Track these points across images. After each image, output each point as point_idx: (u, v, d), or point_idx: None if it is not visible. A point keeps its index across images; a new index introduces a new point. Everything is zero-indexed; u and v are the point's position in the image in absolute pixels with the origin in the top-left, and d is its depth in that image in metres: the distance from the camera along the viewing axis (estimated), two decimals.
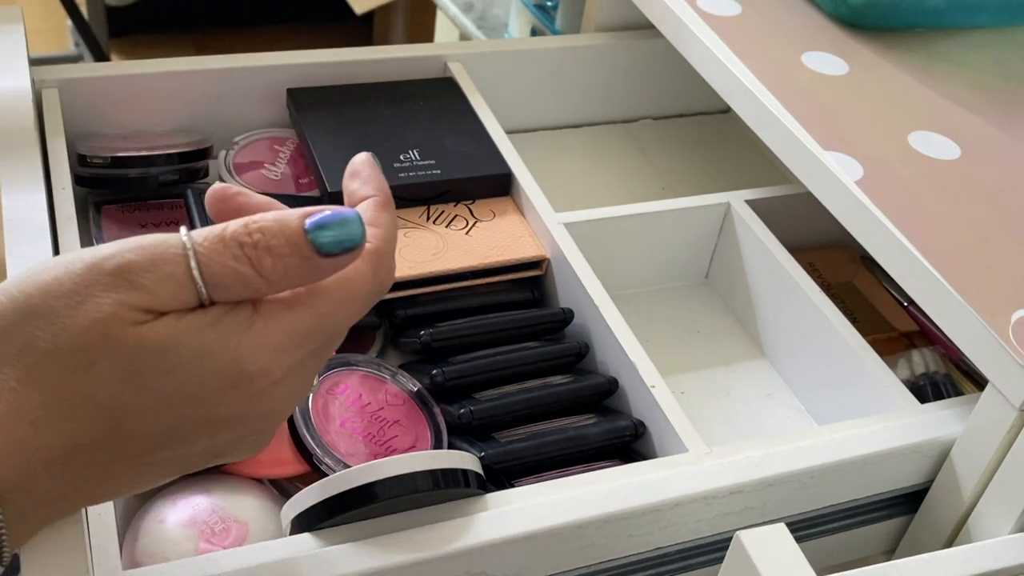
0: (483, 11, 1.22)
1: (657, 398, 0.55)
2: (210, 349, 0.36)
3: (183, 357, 0.36)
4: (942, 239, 0.55)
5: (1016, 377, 0.49)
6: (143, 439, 0.36)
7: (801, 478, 0.52)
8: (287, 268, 0.37)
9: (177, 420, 0.36)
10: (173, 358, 0.35)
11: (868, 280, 0.71)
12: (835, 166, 0.58)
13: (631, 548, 0.50)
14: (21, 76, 0.64)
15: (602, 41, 0.82)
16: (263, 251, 0.37)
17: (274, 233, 0.37)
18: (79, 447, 0.36)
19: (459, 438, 0.55)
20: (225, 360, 0.36)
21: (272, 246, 0.37)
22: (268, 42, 2.20)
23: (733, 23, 0.69)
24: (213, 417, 0.37)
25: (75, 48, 2.01)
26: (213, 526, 0.49)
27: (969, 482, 0.53)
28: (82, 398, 0.35)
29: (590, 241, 0.65)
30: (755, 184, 0.74)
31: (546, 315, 0.61)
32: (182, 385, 0.36)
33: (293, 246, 0.37)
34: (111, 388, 0.35)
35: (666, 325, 0.69)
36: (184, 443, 0.37)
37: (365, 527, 0.45)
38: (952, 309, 0.52)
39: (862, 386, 0.60)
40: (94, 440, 0.36)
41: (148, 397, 0.36)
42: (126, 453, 0.37)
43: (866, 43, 0.69)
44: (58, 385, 0.35)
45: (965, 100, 0.65)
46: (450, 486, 0.46)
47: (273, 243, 0.37)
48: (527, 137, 0.83)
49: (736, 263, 0.70)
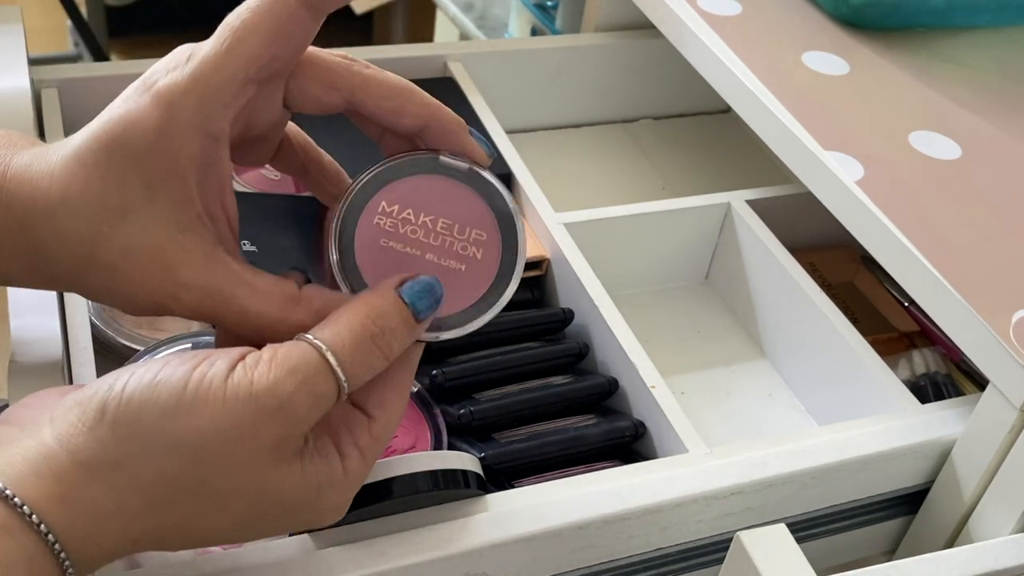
0: (483, 11, 1.22)
1: (657, 398, 0.55)
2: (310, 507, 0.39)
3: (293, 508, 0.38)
4: (942, 239, 0.55)
5: (1017, 377, 0.49)
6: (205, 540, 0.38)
7: (801, 478, 0.52)
8: (403, 344, 0.39)
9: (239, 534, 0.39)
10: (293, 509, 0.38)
11: (868, 280, 0.71)
12: (835, 166, 0.58)
13: (631, 549, 0.50)
14: (20, 76, 0.64)
15: (602, 41, 0.82)
16: (390, 336, 0.38)
17: (391, 316, 0.39)
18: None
19: (459, 438, 0.55)
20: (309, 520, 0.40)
21: (391, 328, 0.39)
22: None
23: (733, 23, 0.69)
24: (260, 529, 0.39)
25: (75, 48, 2.01)
26: None
27: (970, 482, 0.53)
28: (195, 532, 0.37)
29: (590, 241, 0.65)
30: (755, 184, 0.74)
31: (546, 315, 0.61)
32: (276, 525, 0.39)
33: (405, 322, 0.39)
34: (227, 524, 0.37)
35: (666, 325, 0.69)
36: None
37: (365, 527, 0.45)
38: (952, 309, 0.52)
39: (862, 386, 0.60)
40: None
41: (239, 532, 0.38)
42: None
43: (866, 43, 0.69)
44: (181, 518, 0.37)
45: (966, 100, 0.65)
46: (450, 487, 0.46)
47: (391, 325, 0.39)
48: (527, 137, 0.83)
49: (736, 263, 0.70)
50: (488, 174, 0.43)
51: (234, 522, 0.37)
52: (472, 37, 1.19)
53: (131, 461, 0.35)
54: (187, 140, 0.38)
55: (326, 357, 0.37)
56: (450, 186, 0.43)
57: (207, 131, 0.39)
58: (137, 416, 0.35)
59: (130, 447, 0.35)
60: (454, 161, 0.43)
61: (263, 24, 0.38)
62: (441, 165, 0.42)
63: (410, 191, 0.42)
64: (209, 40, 0.39)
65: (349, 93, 0.41)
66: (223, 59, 0.38)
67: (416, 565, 0.44)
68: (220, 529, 0.37)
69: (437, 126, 0.42)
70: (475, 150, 0.43)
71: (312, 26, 0.39)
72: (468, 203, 0.43)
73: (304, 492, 0.37)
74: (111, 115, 0.39)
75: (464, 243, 0.42)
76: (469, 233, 0.42)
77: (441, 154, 0.43)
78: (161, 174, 0.38)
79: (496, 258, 0.42)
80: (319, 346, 0.37)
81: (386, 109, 0.41)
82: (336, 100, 0.41)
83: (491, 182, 0.43)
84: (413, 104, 0.42)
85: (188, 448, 0.35)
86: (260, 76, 0.39)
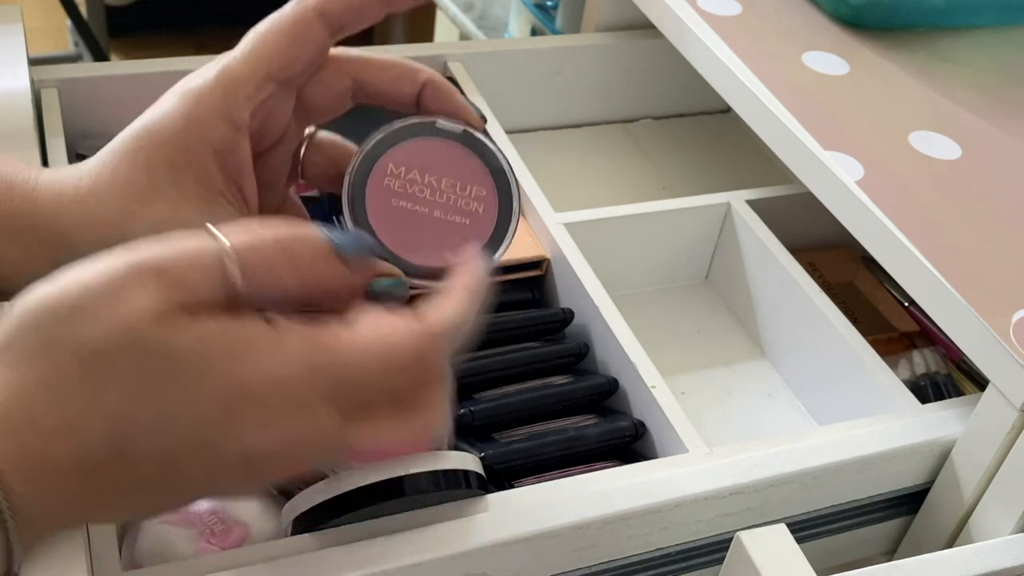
0: (483, 11, 1.22)
1: (657, 398, 0.55)
2: (220, 368, 0.35)
3: (195, 368, 0.35)
4: (942, 239, 0.55)
5: (1017, 377, 0.49)
6: (142, 463, 0.36)
7: (801, 478, 0.52)
8: (316, 266, 0.38)
9: (178, 444, 0.36)
10: (185, 368, 0.35)
11: (868, 280, 0.71)
12: (835, 166, 0.58)
13: (631, 549, 0.50)
14: (20, 76, 0.64)
15: (602, 41, 0.82)
16: (300, 246, 0.38)
17: (304, 236, 0.38)
18: (82, 468, 0.35)
19: (459, 438, 0.55)
20: (234, 379, 0.35)
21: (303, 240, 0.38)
22: None
23: (733, 23, 0.69)
24: (214, 448, 0.36)
25: (75, 48, 2.01)
26: (213, 526, 0.49)
27: (970, 482, 0.53)
28: (94, 406, 0.35)
29: (590, 241, 0.65)
30: (755, 184, 0.74)
31: (546, 315, 0.61)
32: (189, 402, 0.35)
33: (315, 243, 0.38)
34: (125, 393, 0.35)
35: (666, 325, 0.69)
36: (183, 471, 0.36)
37: (365, 527, 0.45)
38: (952, 309, 0.52)
39: (862, 386, 0.60)
40: (95, 465, 0.35)
41: (156, 411, 0.35)
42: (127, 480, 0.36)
43: (866, 43, 0.69)
44: (73, 390, 0.35)
45: (965, 100, 0.65)
46: (451, 487, 0.46)
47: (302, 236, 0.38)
48: (527, 137, 0.83)
49: (736, 263, 0.70)
50: (481, 135, 0.47)
51: (129, 391, 0.35)
52: (472, 37, 1.19)
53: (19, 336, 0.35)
54: (211, 126, 0.42)
55: (212, 231, 0.37)
56: (448, 147, 0.46)
57: (230, 119, 0.43)
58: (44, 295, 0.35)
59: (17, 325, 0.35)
60: (450, 124, 0.46)
61: (284, 28, 0.43)
62: (438, 129, 0.46)
63: (413, 153, 0.46)
64: (237, 46, 0.44)
65: (353, 73, 0.45)
66: (247, 56, 0.43)
67: (416, 565, 0.44)
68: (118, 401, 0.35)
69: (431, 90, 0.46)
70: (467, 110, 0.47)
71: (327, 39, 0.44)
72: (466, 162, 0.46)
73: (201, 347, 0.35)
74: (142, 116, 0.44)
75: (467, 199, 0.46)
76: (470, 190, 0.46)
77: (438, 119, 0.46)
78: (185, 155, 0.42)
79: (495, 211, 0.46)
80: (208, 227, 0.37)
81: (387, 80, 0.46)
82: (346, 83, 0.46)
83: (484, 142, 0.46)
84: (409, 70, 0.46)
85: (67, 305, 0.35)
86: (280, 75, 0.44)
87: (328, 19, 0.44)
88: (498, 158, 0.46)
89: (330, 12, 0.44)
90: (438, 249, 0.45)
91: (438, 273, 0.43)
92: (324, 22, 0.44)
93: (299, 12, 0.43)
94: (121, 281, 0.35)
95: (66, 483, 0.35)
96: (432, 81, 0.46)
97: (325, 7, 0.44)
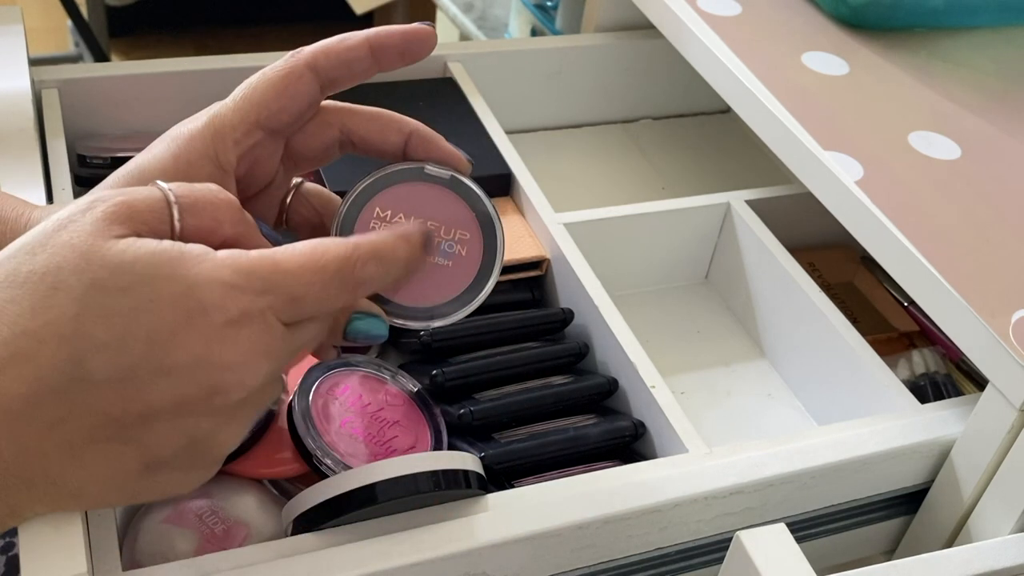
0: (483, 11, 1.22)
1: (657, 398, 0.55)
2: (166, 273, 0.37)
3: (140, 275, 0.36)
4: (942, 239, 0.55)
5: (1016, 377, 0.49)
6: (102, 385, 0.36)
7: (801, 478, 0.52)
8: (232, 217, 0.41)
9: (135, 359, 0.36)
10: (130, 276, 0.36)
11: (868, 280, 0.71)
12: (835, 166, 0.58)
13: (631, 548, 0.50)
14: (21, 76, 0.64)
15: (602, 41, 0.82)
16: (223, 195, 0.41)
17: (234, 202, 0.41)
18: (39, 400, 0.35)
19: (459, 438, 0.55)
20: (180, 284, 0.37)
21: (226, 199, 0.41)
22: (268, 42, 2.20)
23: (733, 23, 0.69)
24: (171, 362, 0.37)
25: (75, 48, 2.01)
26: (213, 527, 0.49)
27: (969, 482, 0.53)
28: (45, 327, 0.35)
29: (590, 241, 0.65)
30: (755, 184, 0.74)
31: (546, 315, 0.61)
32: (138, 311, 0.36)
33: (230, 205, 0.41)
34: (73, 309, 0.36)
35: (666, 325, 0.69)
36: (144, 393, 0.37)
37: (365, 528, 0.45)
38: (952, 309, 0.52)
39: (862, 386, 0.60)
40: (53, 389, 0.36)
41: (106, 324, 0.36)
42: (87, 409, 0.36)
43: (866, 43, 0.69)
44: (24, 316, 0.36)
45: (965, 100, 0.65)
46: (451, 487, 0.46)
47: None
48: (527, 137, 0.83)
49: (736, 263, 0.70)
50: (468, 180, 0.48)
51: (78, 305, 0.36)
52: (472, 37, 1.19)
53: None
54: (198, 167, 0.44)
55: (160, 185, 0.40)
56: (435, 192, 0.48)
57: (217, 161, 0.44)
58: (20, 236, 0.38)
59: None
60: (438, 170, 0.47)
61: (275, 80, 0.45)
62: (426, 174, 0.47)
63: (400, 197, 0.47)
64: (230, 95, 0.46)
65: (340, 123, 0.47)
66: (238, 104, 0.45)
67: (416, 565, 0.44)
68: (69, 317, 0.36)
69: (417, 140, 0.47)
70: (456, 156, 0.48)
71: (317, 92, 0.46)
72: (452, 206, 0.47)
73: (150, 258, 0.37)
74: (136, 158, 0.45)
75: (450, 242, 0.47)
76: (454, 233, 0.47)
77: (426, 165, 0.47)
78: None
79: (478, 255, 0.47)
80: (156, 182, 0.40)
81: (373, 130, 0.47)
82: (333, 133, 0.47)
83: (471, 187, 0.47)
84: (395, 120, 0.48)
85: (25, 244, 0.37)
86: (268, 124, 0.45)
87: (319, 73, 0.45)
88: (484, 203, 0.47)
89: (321, 66, 0.45)
90: (419, 290, 0.46)
91: (419, 314, 0.46)
92: (315, 75, 0.45)
93: (291, 65, 0.45)
94: (69, 215, 0.38)
95: (21, 420, 0.35)
96: (418, 131, 0.48)
97: (316, 61, 0.45)
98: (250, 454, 0.51)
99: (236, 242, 0.41)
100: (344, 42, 0.46)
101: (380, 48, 0.46)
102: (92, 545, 0.43)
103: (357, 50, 0.46)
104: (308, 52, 0.46)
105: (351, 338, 0.44)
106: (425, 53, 0.47)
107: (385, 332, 0.44)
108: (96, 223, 0.37)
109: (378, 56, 0.46)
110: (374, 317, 0.44)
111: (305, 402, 0.52)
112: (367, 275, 0.40)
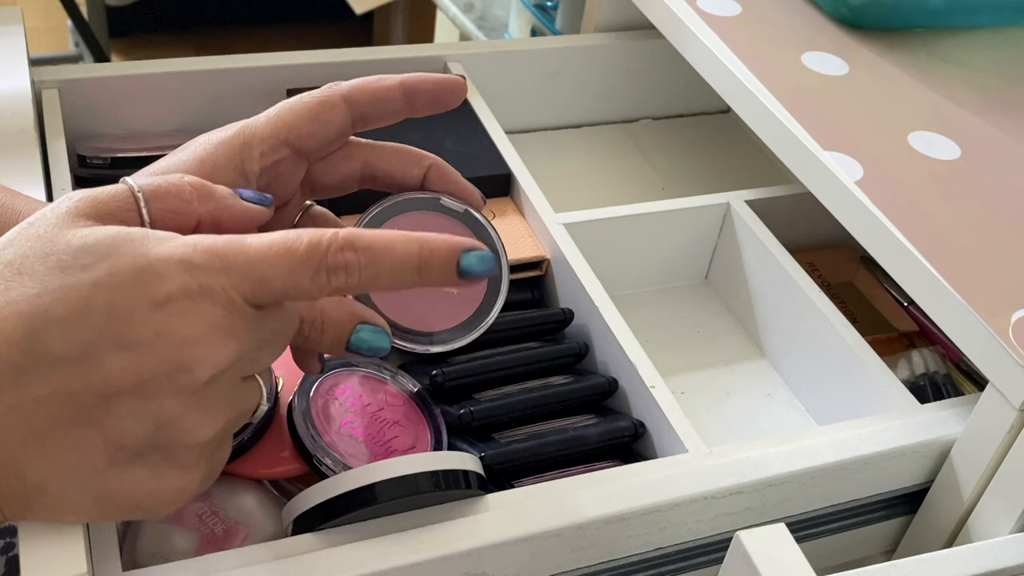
0: (483, 11, 1.22)
1: (657, 398, 0.55)
2: (127, 250, 0.38)
3: (101, 254, 0.37)
4: (942, 239, 0.55)
5: (1016, 377, 0.49)
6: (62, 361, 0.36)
7: (801, 478, 0.52)
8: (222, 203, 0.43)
9: (94, 334, 0.36)
10: (91, 255, 0.37)
11: (868, 280, 0.71)
12: (835, 166, 0.58)
13: (631, 548, 0.50)
14: (21, 76, 0.64)
15: (602, 41, 0.82)
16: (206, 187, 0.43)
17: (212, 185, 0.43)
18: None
19: (459, 438, 0.55)
20: (140, 260, 0.37)
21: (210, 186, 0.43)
22: (268, 42, 2.20)
23: (733, 23, 0.69)
24: (132, 337, 0.36)
25: (75, 48, 2.01)
26: (213, 527, 0.49)
27: (969, 482, 0.53)
28: (6, 307, 0.36)
29: (590, 241, 0.65)
30: (755, 184, 0.74)
31: (546, 315, 0.61)
32: (98, 286, 0.37)
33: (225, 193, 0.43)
34: (35, 288, 0.36)
35: (666, 325, 0.69)
36: (104, 368, 0.36)
37: (365, 528, 0.45)
38: (952, 309, 0.52)
39: (862, 386, 0.60)
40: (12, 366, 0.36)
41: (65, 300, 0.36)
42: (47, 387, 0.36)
43: (866, 43, 0.69)
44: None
45: (965, 100, 0.65)
46: (451, 487, 0.46)
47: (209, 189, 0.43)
48: (527, 137, 0.83)
49: (736, 263, 0.70)
50: (480, 216, 0.51)
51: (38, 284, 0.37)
52: (472, 37, 1.19)
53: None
54: (222, 171, 0.46)
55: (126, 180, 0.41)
56: (447, 223, 0.50)
57: (240, 169, 0.46)
58: None
59: None
60: (453, 203, 0.50)
61: (310, 104, 0.47)
62: (442, 205, 0.50)
63: (412, 225, 0.49)
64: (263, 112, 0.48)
65: (363, 157, 0.50)
66: (270, 120, 0.47)
67: (416, 565, 0.45)
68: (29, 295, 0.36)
69: (436, 173, 0.50)
70: (471, 192, 0.51)
71: (348, 124, 0.48)
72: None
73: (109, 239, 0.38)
74: (166, 157, 0.47)
75: None
76: None
77: (442, 196, 0.50)
78: None
79: (483, 287, 0.50)
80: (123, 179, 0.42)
81: (395, 164, 0.50)
82: (355, 166, 0.50)
83: (482, 222, 0.51)
84: (414, 154, 0.50)
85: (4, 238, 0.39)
86: (296, 144, 0.47)
87: (352, 105, 0.48)
88: (493, 240, 0.50)
89: (355, 100, 0.48)
90: (424, 315, 0.49)
91: (420, 338, 0.48)
92: (348, 108, 0.48)
93: (327, 94, 0.48)
94: (40, 213, 0.39)
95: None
96: (436, 165, 0.50)
97: (351, 95, 0.48)
98: (250, 454, 0.51)
99: (213, 219, 0.42)
100: (380, 81, 0.48)
101: (413, 92, 0.48)
102: (92, 545, 0.43)
103: (392, 91, 0.48)
104: (345, 85, 0.48)
105: (354, 349, 0.44)
106: (456, 102, 0.49)
107: (388, 347, 0.45)
108: (61, 216, 0.39)
109: (411, 99, 0.48)
110: (379, 330, 0.44)
111: (305, 402, 0.52)
112: (342, 261, 0.39)
